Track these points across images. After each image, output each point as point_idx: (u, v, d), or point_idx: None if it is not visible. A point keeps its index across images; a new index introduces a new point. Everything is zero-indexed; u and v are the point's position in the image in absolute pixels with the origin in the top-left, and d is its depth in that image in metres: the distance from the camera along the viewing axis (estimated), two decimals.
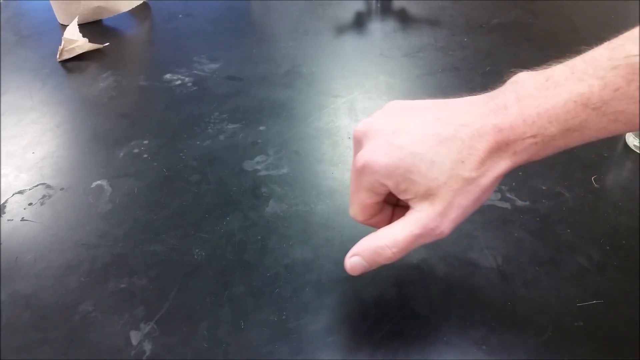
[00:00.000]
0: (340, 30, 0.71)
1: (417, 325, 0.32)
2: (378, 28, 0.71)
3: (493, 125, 0.24)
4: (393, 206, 0.31)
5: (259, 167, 0.46)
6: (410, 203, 0.26)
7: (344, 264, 0.29)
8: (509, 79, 0.26)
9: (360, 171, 0.27)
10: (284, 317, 0.33)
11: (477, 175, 0.24)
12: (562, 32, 0.67)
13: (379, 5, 0.78)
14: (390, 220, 0.30)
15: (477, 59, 0.61)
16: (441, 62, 0.61)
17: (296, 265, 0.36)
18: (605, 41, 0.23)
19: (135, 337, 0.32)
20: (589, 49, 0.24)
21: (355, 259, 0.28)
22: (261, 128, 0.51)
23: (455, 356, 0.30)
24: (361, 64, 0.62)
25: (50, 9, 0.78)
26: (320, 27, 0.72)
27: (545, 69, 0.25)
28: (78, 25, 0.68)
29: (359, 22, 0.73)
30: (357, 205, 0.29)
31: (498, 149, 0.24)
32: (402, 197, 0.26)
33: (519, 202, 0.40)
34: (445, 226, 0.25)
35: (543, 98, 0.23)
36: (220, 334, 0.32)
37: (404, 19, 0.73)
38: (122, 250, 0.38)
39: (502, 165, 0.25)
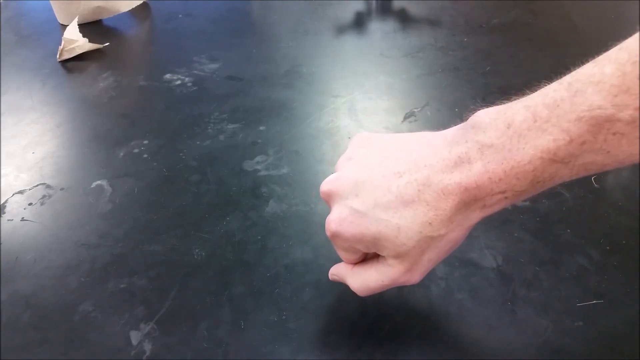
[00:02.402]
0: (340, 30, 0.71)
1: (417, 325, 0.32)
2: (378, 28, 0.71)
3: (457, 183, 0.23)
4: None
5: (259, 167, 0.46)
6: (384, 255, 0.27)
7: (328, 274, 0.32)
8: (467, 118, 0.24)
9: (332, 238, 0.28)
10: (284, 317, 0.33)
11: (445, 232, 0.24)
12: (562, 32, 0.67)
13: (379, 5, 0.78)
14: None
15: (477, 59, 0.61)
16: (441, 62, 0.61)
17: (296, 265, 0.36)
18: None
19: (135, 337, 0.32)
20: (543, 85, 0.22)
21: (335, 277, 0.31)
22: (261, 128, 0.51)
23: (455, 356, 0.30)
24: (361, 64, 0.62)
25: (50, 9, 0.78)
26: (320, 27, 0.72)
27: (504, 104, 0.23)
28: (78, 25, 0.68)
29: (359, 22, 0.73)
30: (342, 258, 0.30)
31: (466, 205, 0.23)
32: (377, 253, 0.27)
33: (519, 202, 0.40)
34: (415, 278, 0.27)
35: (507, 152, 0.22)
36: (220, 334, 0.32)
37: (404, 19, 0.73)
38: (122, 250, 0.38)
39: (472, 217, 0.24)
